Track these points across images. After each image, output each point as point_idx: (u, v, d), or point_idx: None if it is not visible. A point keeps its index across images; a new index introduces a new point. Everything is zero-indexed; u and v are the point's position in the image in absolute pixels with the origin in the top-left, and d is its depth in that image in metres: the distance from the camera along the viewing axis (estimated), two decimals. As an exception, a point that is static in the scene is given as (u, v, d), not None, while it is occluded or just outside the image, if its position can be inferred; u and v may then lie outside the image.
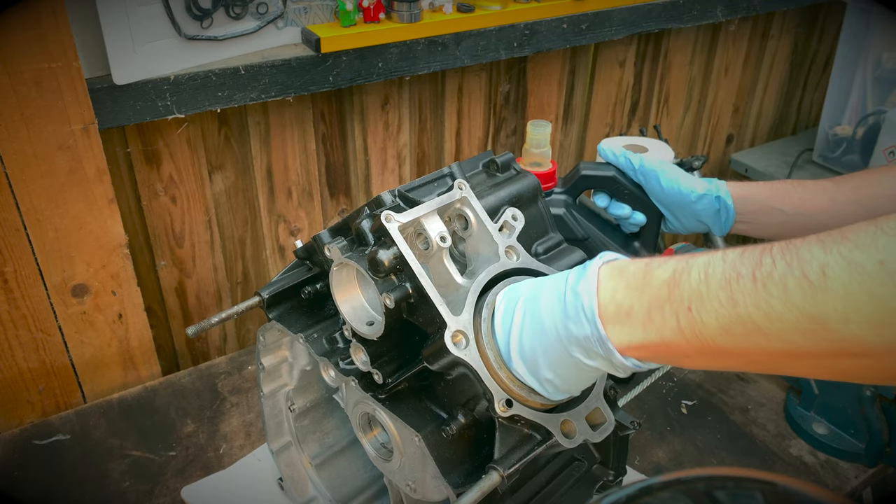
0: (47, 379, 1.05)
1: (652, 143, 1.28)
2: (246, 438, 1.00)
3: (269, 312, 0.73)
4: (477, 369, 0.55)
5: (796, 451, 0.98)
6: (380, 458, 0.69)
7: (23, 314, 0.99)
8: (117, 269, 1.04)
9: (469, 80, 1.41)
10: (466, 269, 0.62)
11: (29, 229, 0.95)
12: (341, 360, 0.67)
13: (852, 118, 1.87)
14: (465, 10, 1.25)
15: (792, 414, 1.01)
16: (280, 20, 1.14)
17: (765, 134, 2.14)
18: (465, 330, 0.55)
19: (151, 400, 1.06)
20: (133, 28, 0.98)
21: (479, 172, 0.72)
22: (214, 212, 1.22)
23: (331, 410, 0.83)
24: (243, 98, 1.10)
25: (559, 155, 1.67)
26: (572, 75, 1.58)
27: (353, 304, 0.64)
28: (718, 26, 1.77)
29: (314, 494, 0.83)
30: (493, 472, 0.55)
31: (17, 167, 0.91)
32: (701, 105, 1.89)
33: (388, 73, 1.22)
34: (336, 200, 1.36)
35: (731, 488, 0.36)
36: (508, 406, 0.55)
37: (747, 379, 1.10)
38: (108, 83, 0.99)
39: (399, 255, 0.57)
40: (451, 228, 0.62)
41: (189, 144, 1.15)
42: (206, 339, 1.32)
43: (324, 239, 0.68)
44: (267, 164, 1.24)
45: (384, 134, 1.36)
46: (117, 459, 0.96)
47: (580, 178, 0.97)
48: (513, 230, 0.62)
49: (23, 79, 0.87)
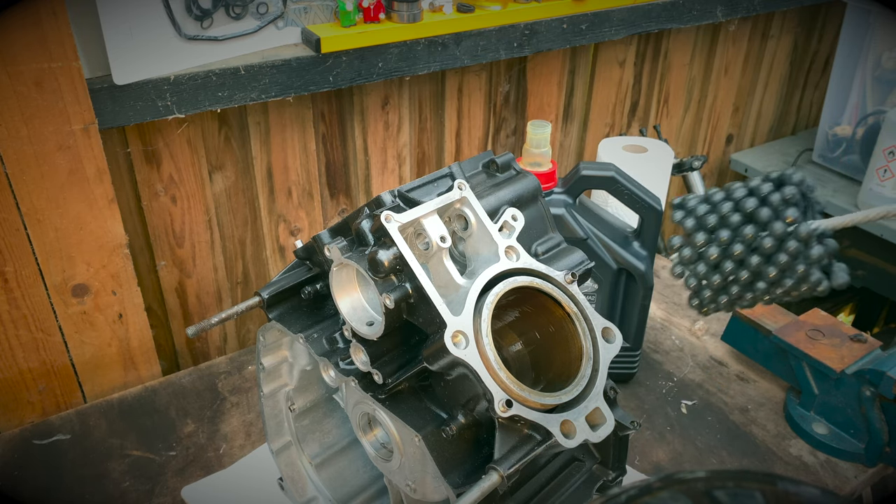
0: (47, 379, 1.05)
1: (652, 143, 1.28)
2: (246, 438, 1.00)
3: (269, 312, 0.73)
4: (477, 369, 0.55)
5: (796, 451, 0.98)
6: (380, 458, 0.69)
7: (23, 314, 0.99)
8: (117, 269, 1.04)
9: (469, 80, 1.41)
10: (466, 270, 0.62)
11: (29, 229, 0.95)
12: (341, 360, 0.67)
13: (852, 118, 1.87)
14: (465, 10, 1.25)
15: (792, 414, 1.01)
16: (280, 20, 1.14)
17: (765, 134, 2.14)
18: (465, 330, 0.55)
19: (151, 400, 1.06)
20: (133, 28, 0.98)
21: (479, 172, 0.72)
22: (214, 212, 1.22)
23: (331, 410, 0.83)
24: (243, 98, 1.10)
25: (559, 155, 1.67)
26: (572, 75, 1.58)
27: (353, 305, 0.64)
28: (718, 26, 1.77)
29: (314, 494, 0.83)
30: (493, 473, 0.55)
31: (17, 167, 0.91)
32: (701, 105, 1.89)
33: (388, 73, 1.22)
34: (336, 200, 1.36)
35: (731, 488, 0.36)
36: (508, 406, 0.55)
37: (747, 379, 1.10)
38: (108, 83, 0.99)
39: (399, 256, 0.57)
40: (451, 229, 0.62)
41: (189, 144, 1.15)
42: (206, 339, 1.33)
43: (324, 239, 0.68)
44: (267, 164, 1.24)
45: (384, 134, 1.36)
46: (117, 459, 0.96)
47: (580, 178, 0.97)
48: (513, 230, 0.62)
49: (23, 79, 0.87)
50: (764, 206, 0.50)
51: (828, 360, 0.96)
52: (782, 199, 0.49)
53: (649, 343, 1.17)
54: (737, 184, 0.54)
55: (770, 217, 0.50)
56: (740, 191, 0.53)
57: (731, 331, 1.13)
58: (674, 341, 1.18)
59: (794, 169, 0.52)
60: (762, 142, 2.14)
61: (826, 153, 1.95)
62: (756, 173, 1.97)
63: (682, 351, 1.16)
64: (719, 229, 0.53)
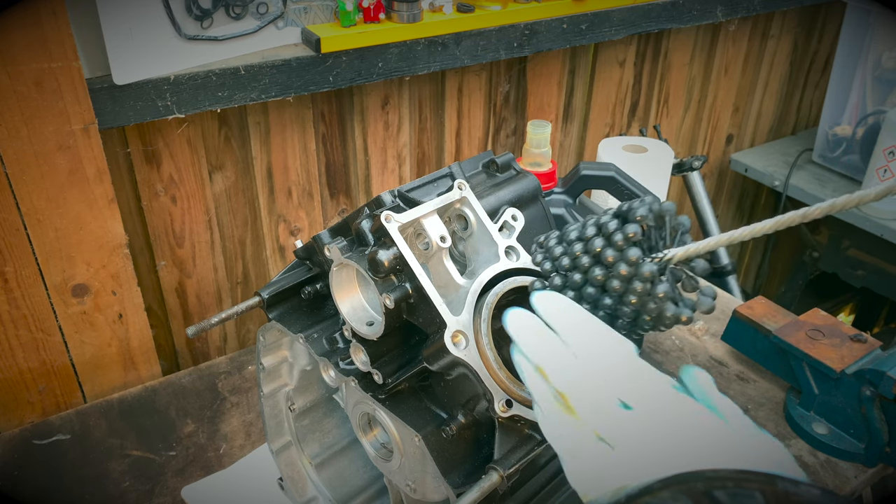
0: (47, 379, 1.05)
1: (652, 143, 1.28)
2: (246, 438, 1.00)
3: (269, 312, 0.73)
4: (476, 369, 0.55)
5: (796, 451, 0.98)
6: (380, 458, 0.69)
7: (23, 314, 0.99)
8: (117, 269, 1.04)
9: (469, 80, 1.41)
10: (466, 270, 0.62)
11: (29, 229, 0.95)
12: (341, 360, 0.67)
13: (852, 118, 1.87)
14: (465, 10, 1.25)
15: (792, 414, 1.01)
16: (280, 20, 1.14)
17: (765, 134, 2.14)
18: (465, 330, 0.55)
19: (151, 400, 1.06)
20: (133, 28, 0.98)
21: (479, 172, 0.73)
22: (214, 212, 1.22)
23: (331, 410, 0.83)
24: (243, 98, 1.10)
25: (559, 155, 1.67)
26: (572, 75, 1.58)
27: (353, 305, 0.64)
28: (718, 26, 1.77)
29: (314, 494, 0.83)
30: (493, 473, 0.55)
31: (17, 167, 0.91)
32: (701, 105, 1.89)
33: (388, 73, 1.22)
34: (336, 200, 1.36)
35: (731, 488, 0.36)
36: (508, 406, 0.55)
37: (747, 379, 1.10)
38: (108, 83, 0.99)
39: (399, 256, 0.57)
40: (451, 229, 0.62)
41: (189, 144, 1.15)
42: (206, 339, 1.33)
43: (324, 239, 0.68)
44: (267, 164, 1.24)
45: (384, 134, 1.36)
46: (117, 459, 0.96)
47: (580, 178, 0.97)
48: (513, 230, 0.62)
49: (23, 79, 0.87)
50: (609, 247, 0.49)
51: (828, 360, 0.96)
52: (625, 238, 0.48)
53: (649, 343, 1.17)
54: (591, 219, 0.51)
55: (616, 258, 0.48)
56: (591, 228, 0.50)
57: (731, 331, 1.13)
58: (674, 341, 1.18)
59: (643, 200, 0.49)
60: (762, 142, 2.14)
61: (826, 153, 1.95)
62: (756, 173, 1.97)
63: (682, 351, 1.16)
64: (572, 271, 0.51)
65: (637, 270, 0.47)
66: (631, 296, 0.48)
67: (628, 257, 0.47)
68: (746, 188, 2.18)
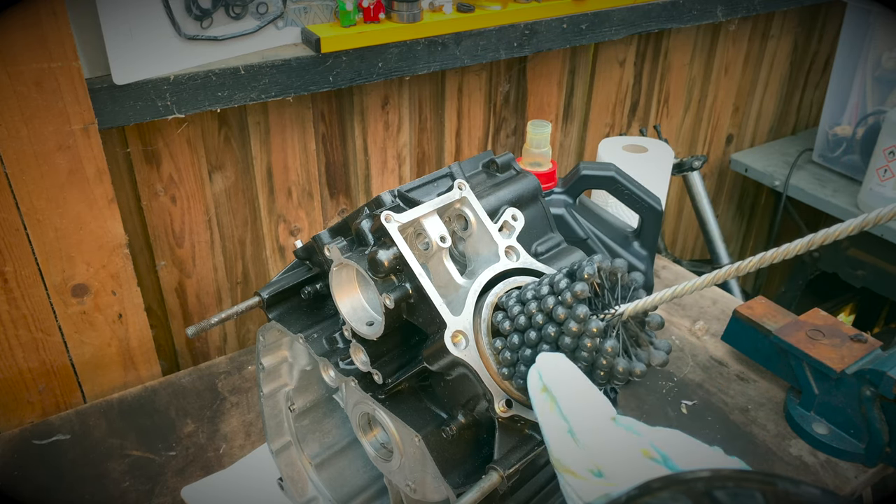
0: (47, 379, 1.05)
1: (652, 142, 1.28)
2: (246, 438, 1.00)
3: (269, 312, 0.73)
4: (477, 369, 0.55)
5: (796, 451, 0.98)
6: (380, 458, 0.69)
7: (23, 314, 0.99)
8: (117, 269, 1.04)
9: (469, 79, 1.41)
10: (466, 270, 0.62)
11: (29, 229, 0.95)
12: (341, 360, 0.67)
13: (852, 118, 1.87)
14: (465, 10, 1.25)
15: (792, 414, 1.01)
16: (280, 20, 1.14)
17: (765, 134, 2.14)
18: (465, 330, 0.55)
19: (151, 400, 1.06)
20: (133, 28, 0.98)
21: (479, 172, 0.72)
22: (214, 212, 1.22)
23: (331, 410, 0.83)
24: (243, 98, 1.10)
25: (559, 155, 1.67)
26: (572, 75, 1.58)
27: (352, 305, 0.64)
28: (718, 26, 1.77)
29: (314, 494, 0.83)
30: (493, 473, 0.55)
31: (17, 167, 0.91)
32: (701, 105, 1.89)
33: (388, 73, 1.22)
34: (336, 200, 1.36)
35: (731, 488, 0.36)
36: (508, 406, 0.55)
37: (747, 379, 1.10)
38: (108, 83, 0.99)
39: (399, 256, 0.57)
40: (450, 229, 0.62)
41: (189, 144, 1.15)
42: (206, 339, 1.33)
43: (324, 239, 0.68)
44: (267, 164, 1.24)
45: (384, 134, 1.36)
46: (117, 459, 0.96)
47: (580, 178, 0.97)
48: (513, 230, 0.62)
49: (23, 79, 0.87)
50: (560, 305, 0.50)
51: (828, 360, 0.96)
52: (573, 296, 0.49)
53: (649, 343, 1.17)
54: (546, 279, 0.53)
55: (567, 315, 0.49)
56: (545, 287, 0.52)
57: (731, 331, 1.13)
58: (674, 341, 1.18)
59: (591, 259, 0.50)
60: (762, 142, 2.14)
61: (826, 153, 1.95)
62: (756, 173, 1.97)
63: (682, 351, 1.16)
64: (527, 330, 0.53)
65: (585, 327, 0.49)
66: (582, 351, 0.49)
67: (577, 314, 0.49)
68: (746, 188, 2.18)
